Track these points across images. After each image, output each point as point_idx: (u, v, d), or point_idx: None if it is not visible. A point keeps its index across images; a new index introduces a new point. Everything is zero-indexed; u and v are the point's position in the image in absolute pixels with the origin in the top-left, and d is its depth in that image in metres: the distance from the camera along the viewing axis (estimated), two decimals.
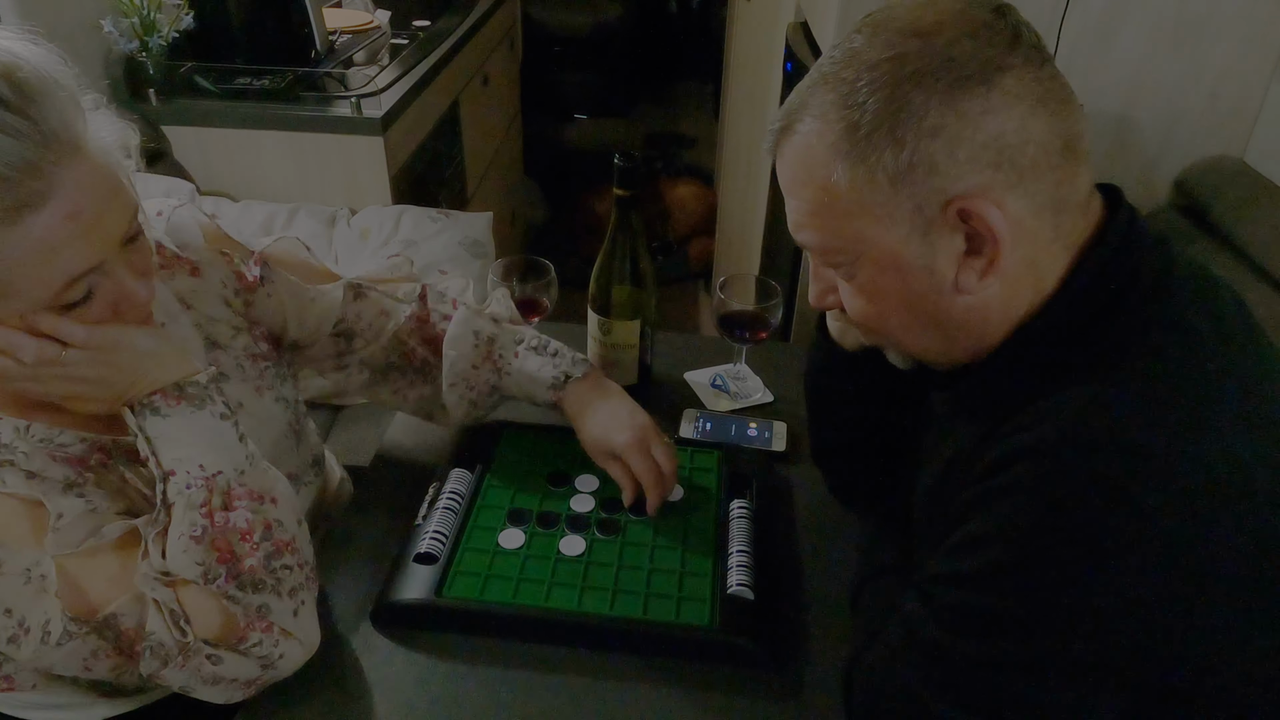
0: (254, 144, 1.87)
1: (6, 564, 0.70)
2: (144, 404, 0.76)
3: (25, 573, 0.71)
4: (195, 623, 0.74)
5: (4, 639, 0.70)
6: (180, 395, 0.77)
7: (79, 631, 0.72)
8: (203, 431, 0.77)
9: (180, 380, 0.77)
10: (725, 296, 1.17)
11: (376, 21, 2.24)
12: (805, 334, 1.86)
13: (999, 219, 0.63)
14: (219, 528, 0.75)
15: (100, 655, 0.74)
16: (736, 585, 0.90)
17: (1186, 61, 1.59)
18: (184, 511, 0.75)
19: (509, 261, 1.20)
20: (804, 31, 1.79)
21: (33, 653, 0.71)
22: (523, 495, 1.02)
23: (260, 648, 0.76)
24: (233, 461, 0.78)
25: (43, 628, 0.71)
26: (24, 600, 0.71)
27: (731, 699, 0.84)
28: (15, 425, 0.75)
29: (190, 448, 0.76)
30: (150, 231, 0.81)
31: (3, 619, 0.70)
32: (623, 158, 1.06)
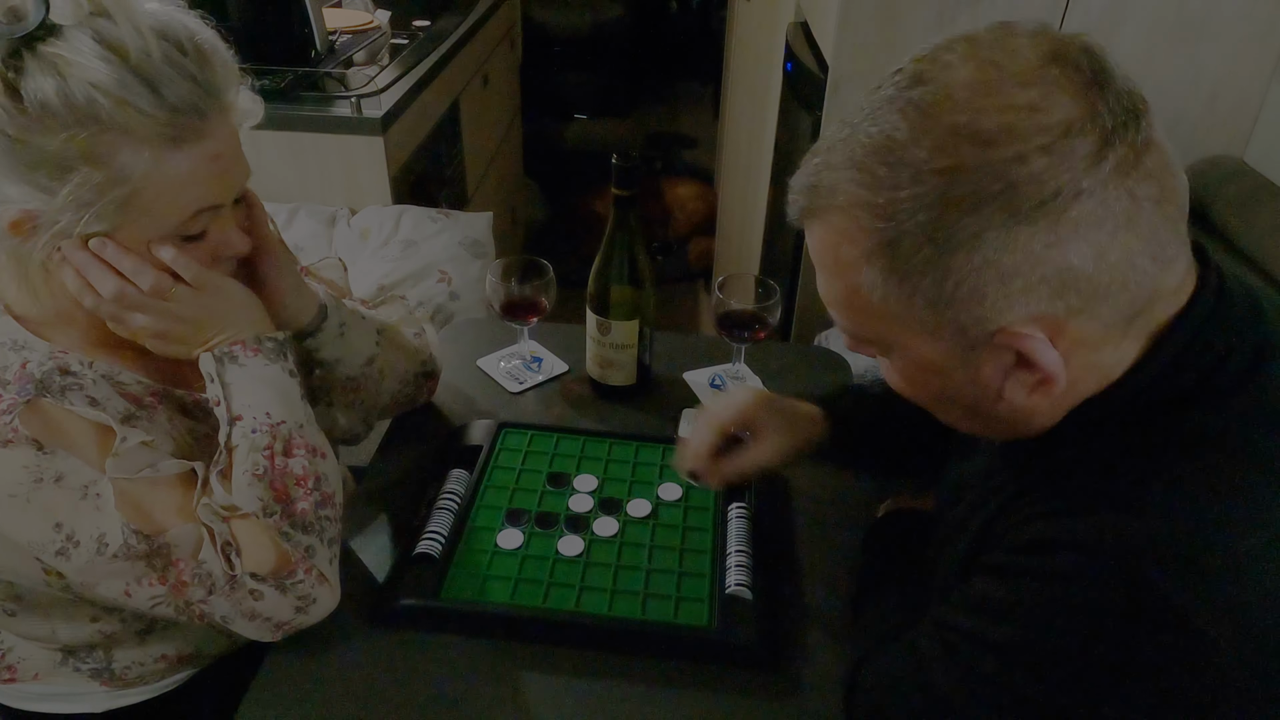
0: (254, 144, 1.86)
1: (67, 478, 0.75)
2: (224, 352, 0.83)
3: (84, 489, 0.75)
4: (247, 556, 0.79)
5: (51, 552, 0.74)
6: (259, 347, 0.84)
7: (137, 547, 0.75)
8: (274, 384, 0.84)
9: (260, 333, 0.85)
10: (724, 296, 1.17)
11: (376, 21, 2.24)
12: (805, 334, 1.86)
13: (1053, 359, 0.55)
14: (278, 470, 0.81)
15: (144, 581, 0.77)
16: (735, 585, 0.90)
17: (1186, 61, 1.59)
18: (247, 452, 0.81)
19: (508, 261, 1.20)
20: (804, 31, 1.79)
21: (85, 563, 0.75)
22: (521, 495, 1.02)
23: (301, 586, 0.81)
24: (295, 415, 0.84)
25: (97, 540, 0.75)
26: (76, 515, 0.75)
27: (731, 699, 0.84)
28: (80, 359, 0.81)
29: (259, 396, 0.83)
30: None
31: (51, 533, 0.74)
32: (622, 158, 1.05)
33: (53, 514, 0.74)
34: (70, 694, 0.93)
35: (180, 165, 0.74)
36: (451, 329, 1.41)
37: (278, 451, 0.82)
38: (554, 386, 1.25)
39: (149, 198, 0.74)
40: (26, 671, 0.91)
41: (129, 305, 0.79)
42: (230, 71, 0.78)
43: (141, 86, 0.70)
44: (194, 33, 0.76)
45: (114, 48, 0.70)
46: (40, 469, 0.74)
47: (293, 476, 0.82)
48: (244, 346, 0.84)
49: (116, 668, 0.92)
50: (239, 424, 0.82)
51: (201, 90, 0.74)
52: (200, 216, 0.78)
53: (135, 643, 0.91)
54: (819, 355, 1.38)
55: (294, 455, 0.83)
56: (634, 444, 1.10)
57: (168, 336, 0.82)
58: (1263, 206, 1.51)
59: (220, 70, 0.76)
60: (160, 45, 0.72)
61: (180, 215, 0.77)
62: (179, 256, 0.79)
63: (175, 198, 0.76)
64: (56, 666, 0.91)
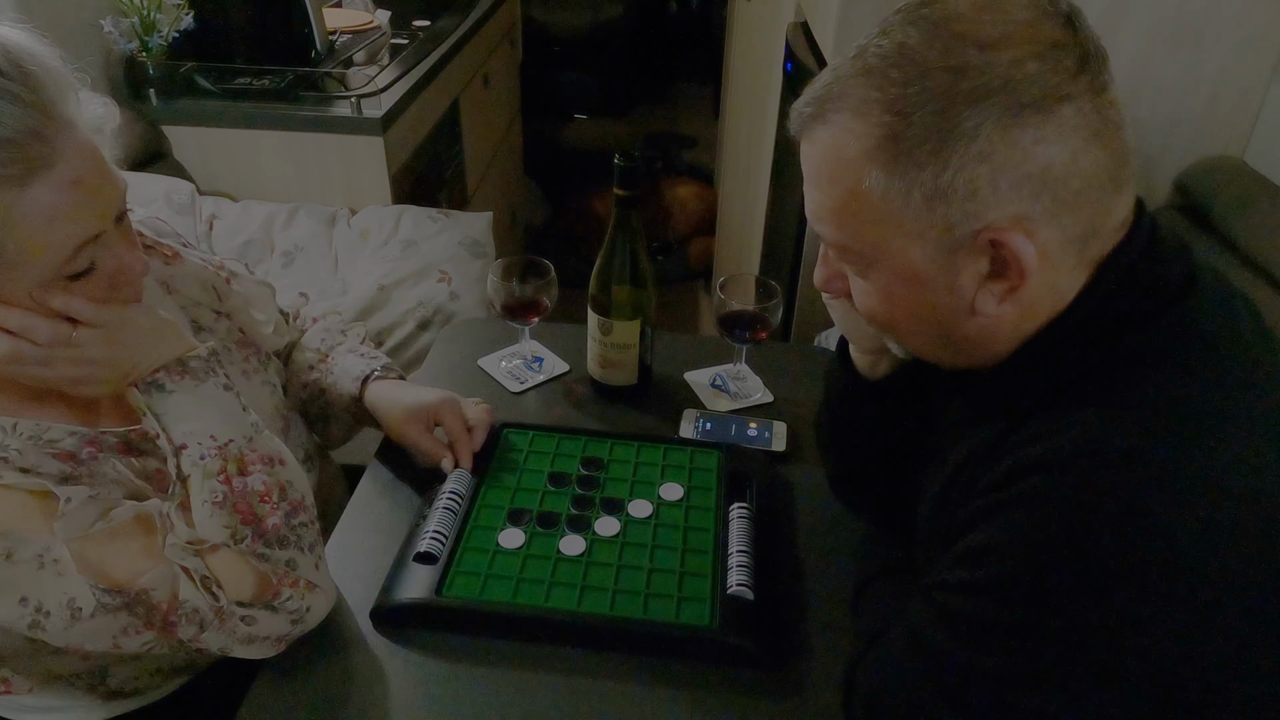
0: (254, 144, 1.87)
1: (17, 552, 0.71)
2: (149, 382, 0.78)
3: (38, 558, 0.72)
4: (227, 586, 0.77)
5: (24, 627, 0.71)
6: (184, 370, 0.80)
7: (112, 603, 0.73)
8: (209, 403, 0.80)
9: (182, 355, 0.80)
10: (725, 296, 1.17)
11: (376, 21, 2.24)
12: (805, 334, 1.85)
13: (1030, 253, 0.61)
14: (239, 492, 0.78)
15: (130, 631, 0.75)
16: (736, 585, 0.90)
17: (1186, 61, 1.59)
18: (201, 480, 0.77)
19: (509, 261, 1.20)
20: (804, 31, 1.79)
21: (62, 631, 0.72)
22: (522, 495, 1.02)
23: (291, 602, 0.80)
24: (241, 430, 0.81)
25: (68, 606, 0.72)
26: (39, 585, 0.71)
27: (731, 699, 0.84)
28: (2, 424, 0.76)
29: (199, 420, 0.79)
30: None
31: (19, 608, 0.71)
32: (623, 158, 1.05)
33: (15, 590, 0.71)
34: (65, 706, 0.92)
35: (37, 202, 0.66)
36: (452, 329, 1.41)
37: (232, 473, 0.78)
38: (555, 386, 1.25)
39: (14, 246, 0.67)
40: (21, 685, 0.90)
41: (32, 361, 0.73)
42: (61, 81, 0.69)
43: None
44: (8, 49, 0.66)
45: None
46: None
47: (255, 494, 0.79)
48: (168, 372, 0.79)
49: (112, 682, 0.91)
50: (185, 453, 0.78)
51: (35, 112, 0.65)
52: (82, 251, 0.71)
53: (129, 660, 0.91)
54: (819, 355, 1.38)
55: (250, 472, 0.79)
56: (635, 444, 1.10)
57: (86, 381, 0.76)
58: (1263, 206, 1.51)
59: (51, 84, 0.68)
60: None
61: (58, 256, 0.69)
62: (70, 301, 0.72)
63: (44, 240, 0.68)
64: (51, 680, 0.89)
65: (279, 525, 0.79)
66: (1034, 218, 0.60)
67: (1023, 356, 0.68)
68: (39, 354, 0.73)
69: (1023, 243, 0.61)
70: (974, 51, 0.58)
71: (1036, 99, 0.58)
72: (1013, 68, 0.58)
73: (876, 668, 0.74)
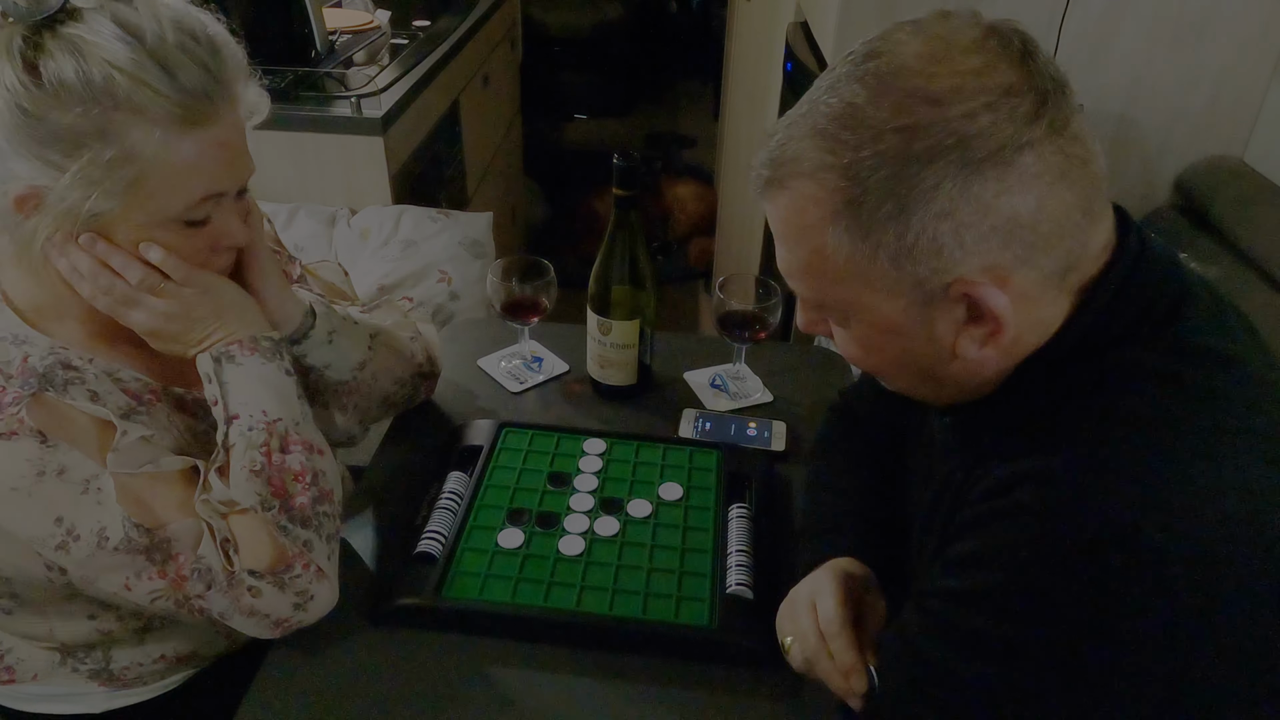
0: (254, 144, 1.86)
1: (69, 471, 0.76)
2: (221, 351, 0.84)
3: (85, 482, 0.76)
4: (244, 552, 0.80)
5: (51, 546, 0.75)
6: (255, 347, 0.85)
7: (139, 540, 0.76)
8: (270, 382, 0.85)
9: (257, 333, 0.86)
10: (724, 296, 1.17)
11: (376, 21, 2.24)
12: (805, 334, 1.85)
13: (1003, 303, 0.60)
14: (275, 466, 0.82)
15: (144, 575, 0.77)
16: (736, 585, 0.90)
17: (1186, 61, 1.59)
18: (244, 450, 0.82)
19: (509, 261, 1.20)
20: (804, 31, 1.79)
21: (85, 557, 0.75)
22: (522, 495, 1.02)
23: (299, 581, 0.81)
24: (292, 413, 0.85)
25: (98, 534, 0.75)
26: (77, 509, 0.75)
27: (731, 699, 0.84)
28: (81, 355, 0.82)
29: (257, 395, 0.84)
30: None
31: (51, 527, 0.75)
32: (622, 157, 1.06)
33: (54, 508, 0.75)
34: (69, 694, 0.93)
35: (189, 149, 0.75)
36: (451, 329, 1.41)
37: (274, 448, 0.83)
38: (555, 386, 1.25)
39: (156, 179, 0.75)
40: (25, 672, 0.91)
41: (120, 300, 0.80)
42: (239, 65, 0.80)
43: (156, 69, 0.72)
44: (206, 25, 0.78)
45: (132, 31, 0.72)
46: (43, 462, 0.74)
47: (290, 472, 0.83)
48: (241, 346, 0.85)
49: (115, 668, 0.92)
50: (236, 422, 0.83)
51: (212, 78, 0.76)
52: (204, 203, 0.79)
53: (133, 642, 0.91)
54: (819, 355, 1.38)
55: (291, 451, 0.84)
56: (635, 444, 1.10)
57: (162, 334, 0.83)
58: (1263, 206, 1.51)
59: (230, 62, 0.78)
60: (175, 32, 0.74)
61: (186, 199, 0.78)
62: (166, 257, 0.80)
63: (182, 181, 0.77)
64: (55, 667, 0.91)
65: (305, 505, 0.83)
66: (1005, 265, 0.59)
67: (1012, 383, 0.67)
68: (128, 294, 0.80)
69: (994, 294, 0.60)
70: (924, 108, 0.57)
71: (993, 151, 0.56)
72: (965, 122, 0.56)
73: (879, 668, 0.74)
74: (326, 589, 0.84)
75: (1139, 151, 1.68)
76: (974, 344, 0.63)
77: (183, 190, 0.77)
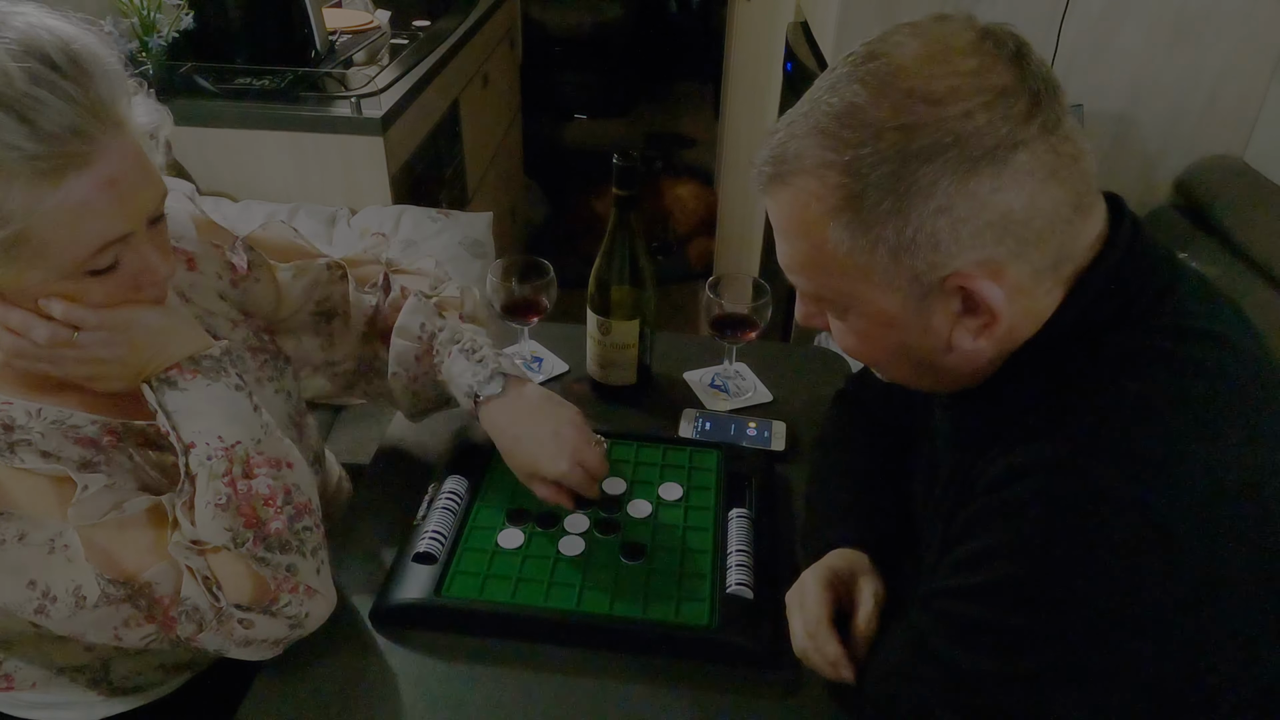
0: (254, 144, 1.87)
1: (30, 535, 0.72)
2: (161, 379, 0.79)
3: (49, 543, 0.72)
4: (226, 588, 0.77)
5: (30, 610, 0.72)
6: (196, 368, 0.80)
7: (116, 594, 0.73)
8: (219, 403, 0.80)
9: (194, 354, 0.81)
10: (714, 296, 1.17)
11: (376, 21, 2.24)
12: (805, 334, 1.86)
13: (997, 296, 0.62)
14: (242, 495, 0.78)
15: (132, 624, 0.75)
16: (736, 585, 0.90)
17: (1186, 61, 1.59)
18: (207, 482, 0.77)
19: (509, 261, 1.20)
20: (804, 31, 1.79)
21: (66, 618, 0.72)
22: (522, 495, 1.02)
23: (290, 607, 0.79)
24: (249, 431, 0.81)
25: (74, 594, 0.72)
26: (48, 570, 0.72)
27: (731, 699, 0.84)
28: (27, 408, 0.77)
29: (208, 419, 0.79)
30: None
31: (26, 591, 0.71)
32: (622, 158, 1.05)
33: (24, 572, 0.71)
34: (68, 702, 0.92)
35: (68, 198, 0.67)
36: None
37: (237, 475, 0.78)
38: (554, 386, 1.25)
39: (40, 237, 0.67)
40: (23, 681, 0.90)
41: (38, 358, 0.74)
42: (117, 82, 0.70)
43: (8, 118, 0.63)
44: (68, 43, 0.67)
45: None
46: (1, 531, 0.71)
47: (259, 498, 0.79)
48: (180, 370, 0.79)
49: (114, 678, 0.91)
50: (194, 451, 0.78)
51: (82, 110, 0.66)
52: (107, 250, 0.71)
53: (132, 656, 0.91)
54: (818, 355, 1.38)
55: (255, 475, 0.79)
56: (634, 444, 1.10)
57: (98, 378, 0.78)
58: (1263, 206, 1.51)
59: (104, 83, 0.69)
60: (23, 68, 0.64)
61: (81, 251, 0.70)
62: (68, 309, 0.73)
63: (71, 234, 0.69)
64: (53, 676, 0.90)
65: (281, 530, 0.79)
66: (999, 259, 0.61)
67: (1008, 371, 0.68)
68: (43, 352, 0.74)
69: (989, 287, 0.62)
70: (923, 107, 0.59)
71: (990, 150, 0.58)
72: (963, 121, 0.58)
73: (883, 676, 0.74)
74: (320, 603, 0.82)
75: (1139, 151, 1.68)
76: (969, 335, 0.65)
77: (74, 243, 0.69)
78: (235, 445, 0.79)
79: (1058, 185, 0.60)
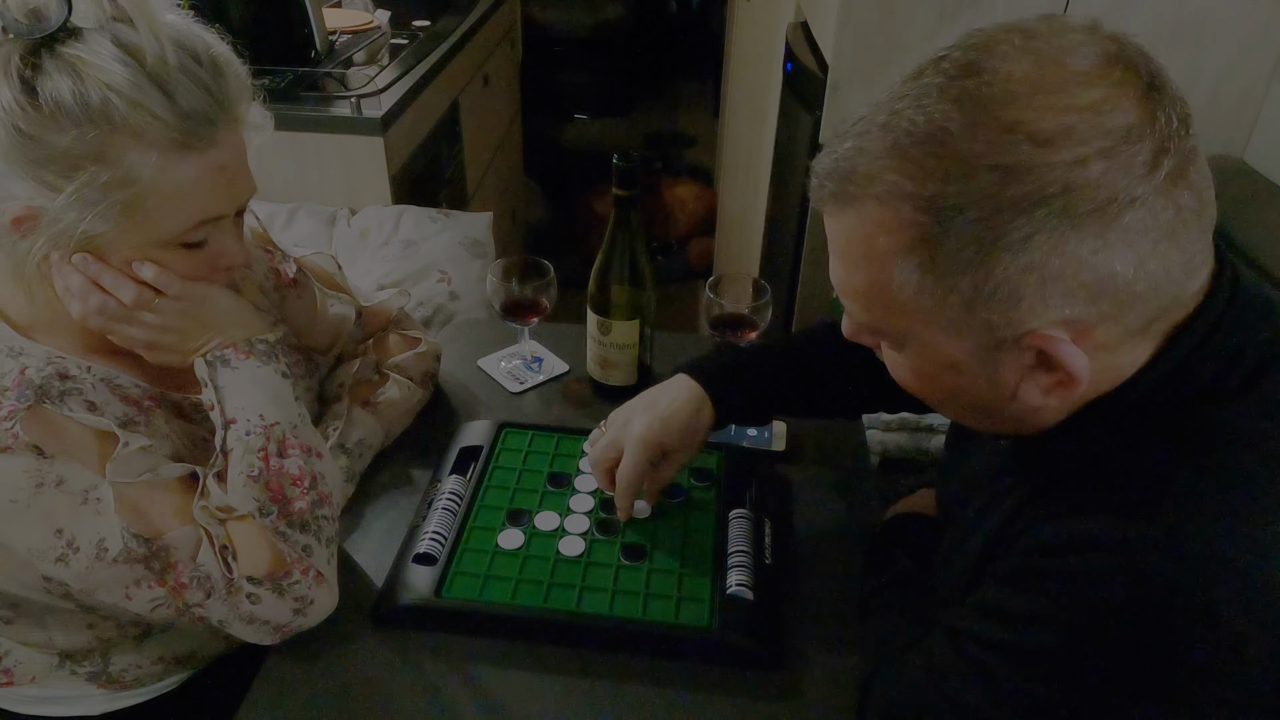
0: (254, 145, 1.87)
1: (68, 482, 0.75)
2: (216, 356, 0.84)
3: (84, 494, 0.75)
4: (243, 559, 0.80)
5: (51, 559, 0.74)
6: (250, 350, 0.85)
7: (138, 549, 0.76)
8: (266, 385, 0.85)
9: (252, 336, 0.86)
10: (714, 296, 1.17)
11: (376, 21, 2.24)
12: None
13: (1079, 360, 0.54)
14: (274, 471, 0.82)
15: (143, 584, 0.77)
16: (736, 585, 0.90)
17: (1186, 61, 1.59)
18: (242, 454, 0.81)
19: (509, 261, 1.20)
20: (804, 31, 1.79)
21: (84, 569, 0.75)
22: (522, 496, 1.02)
23: (298, 587, 0.81)
24: (289, 416, 0.85)
25: (97, 545, 0.75)
26: (78, 520, 0.75)
27: (731, 699, 0.84)
28: (79, 363, 0.81)
29: (253, 398, 0.83)
30: None
31: (51, 539, 0.74)
32: (622, 158, 1.05)
33: (53, 520, 0.74)
34: (68, 697, 0.93)
35: (187, 172, 0.74)
36: (451, 329, 1.41)
37: (272, 453, 0.82)
38: (554, 386, 1.25)
39: (153, 202, 0.74)
40: (23, 675, 0.91)
41: (113, 318, 0.79)
42: (243, 86, 0.79)
43: (156, 91, 0.71)
44: (210, 45, 0.77)
45: (132, 52, 0.71)
46: (41, 474, 0.74)
47: (288, 476, 0.82)
48: (236, 350, 0.84)
49: (114, 670, 0.92)
50: (233, 427, 0.82)
51: (213, 100, 0.75)
52: (202, 227, 0.78)
53: (132, 646, 0.92)
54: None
55: (289, 455, 0.83)
56: None
57: (158, 346, 0.83)
58: (1263, 206, 1.51)
59: (233, 83, 0.78)
60: (177, 53, 0.73)
61: (183, 223, 0.77)
62: (160, 274, 0.79)
63: (179, 205, 0.76)
64: (53, 670, 0.91)
65: (304, 510, 0.82)
66: (1089, 320, 0.54)
67: (1076, 423, 0.61)
68: (123, 312, 0.79)
69: (1072, 351, 0.54)
70: (1027, 148, 0.50)
71: (1100, 206, 0.50)
72: (1074, 169, 0.50)
73: (893, 691, 0.73)
74: (326, 593, 0.84)
75: None
76: (1038, 390, 0.58)
77: (180, 214, 0.76)
78: (274, 425, 0.83)
79: (1173, 247, 0.52)
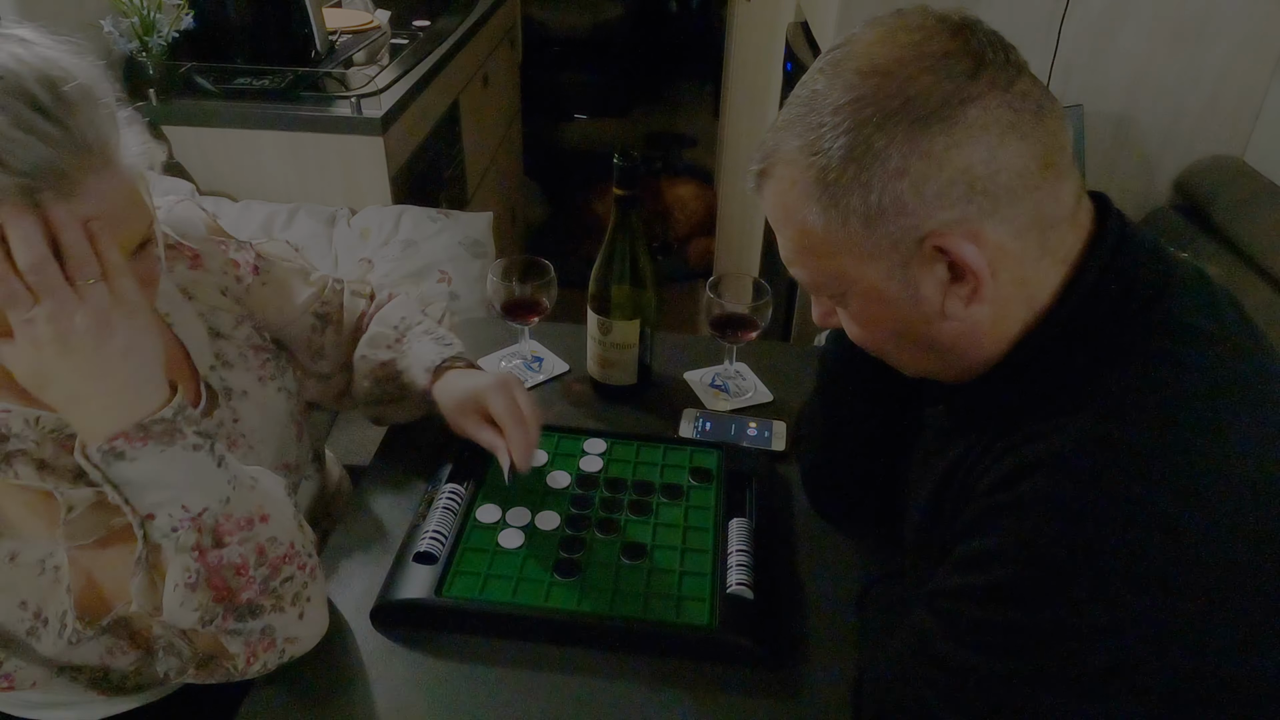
0: (254, 144, 1.87)
1: (22, 554, 0.71)
2: (105, 450, 0.69)
3: (40, 564, 0.71)
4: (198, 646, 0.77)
5: (22, 631, 0.71)
6: (145, 435, 0.70)
7: (86, 635, 0.72)
8: (177, 469, 0.71)
9: (143, 419, 0.70)
10: (714, 296, 1.17)
11: (376, 21, 2.24)
12: (805, 334, 1.86)
13: (974, 254, 0.63)
14: (213, 567, 0.72)
15: (117, 651, 0.75)
16: (736, 585, 0.90)
17: (1186, 61, 1.59)
18: (175, 557, 0.71)
19: (509, 261, 1.20)
20: (804, 31, 1.79)
21: (53, 643, 0.72)
22: (522, 495, 1.02)
23: (270, 660, 0.78)
24: (216, 494, 0.73)
25: (60, 620, 0.71)
26: (39, 591, 0.71)
27: (731, 699, 0.84)
28: (25, 416, 0.75)
29: (167, 489, 0.71)
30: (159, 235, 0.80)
31: (19, 611, 0.71)
32: (622, 157, 1.06)
33: (16, 592, 0.71)
34: (68, 702, 0.92)
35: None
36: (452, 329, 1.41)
37: (207, 546, 0.72)
38: (555, 386, 1.25)
39: None
40: (24, 680, 0.90)
41: None
42: (110, 116, 0.69)
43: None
44: (59, 80, 0.66)
45: None
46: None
47: (230, 567, 0.73)
48: (127, 438, 0.69)
49: (114, 677, 0.91)
50: (153, 522, 0.71)
51: (67, 151, 0.65)
52: None
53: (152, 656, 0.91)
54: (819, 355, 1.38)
55: (226, 544, 0.73)
56: (635, 444, 1.10)
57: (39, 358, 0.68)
58: (1263, 206, 1.51)
59: (97, 120, 0.67)
60: (4, 109, 0.63)
61: None
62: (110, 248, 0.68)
63: None
64: (54, 676, 0.89)
65: (254, 598, 0.75)
66: (972, 218, 0.62)
67: (1009, 362, 0.69)
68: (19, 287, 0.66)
69: (966, 247, 0.63)
70: (871, 80, 0.62)
71: (937, 108, 0.60)
72: (907, 84, 0.61)
73: (885, 676, 0.73)
74: (305, 639, 0.80)
75: (1139, 151, 1.68)
76: (960, 302, 0.66)
77: None
78: (202, 513, 0.72)
79: (1019, 139, 0.61)
